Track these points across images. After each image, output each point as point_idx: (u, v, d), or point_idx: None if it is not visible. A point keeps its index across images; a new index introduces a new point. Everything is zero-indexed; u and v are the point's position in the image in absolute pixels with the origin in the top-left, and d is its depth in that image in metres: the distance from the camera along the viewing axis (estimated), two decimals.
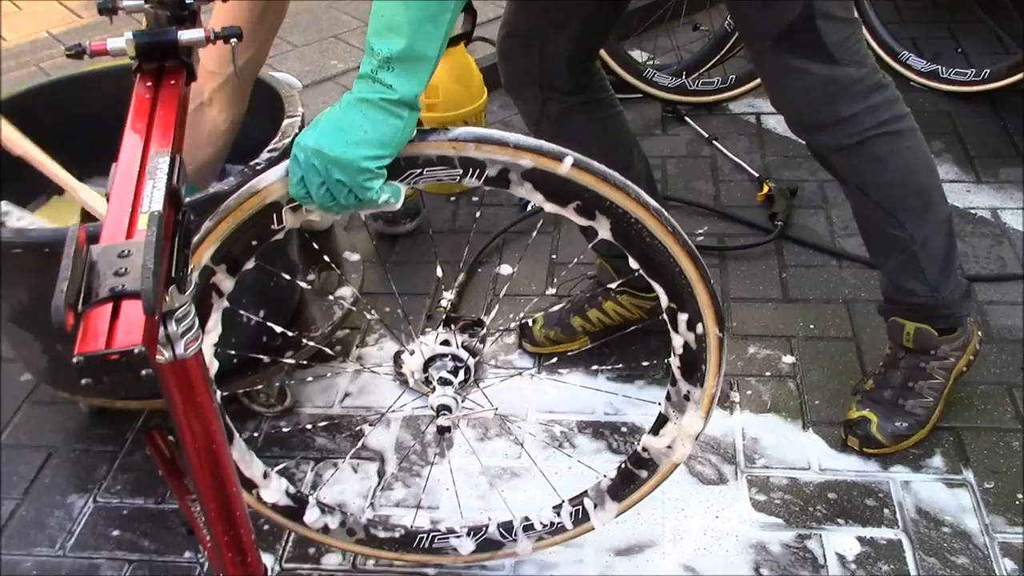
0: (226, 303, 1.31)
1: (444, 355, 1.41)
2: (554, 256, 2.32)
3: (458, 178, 1.20)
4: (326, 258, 2.02)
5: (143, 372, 0.78)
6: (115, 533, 1.71)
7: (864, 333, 2.02)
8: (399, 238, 2.42)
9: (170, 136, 1.05)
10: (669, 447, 1.46)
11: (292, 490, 1.51)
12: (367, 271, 2.27)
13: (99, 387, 1.28)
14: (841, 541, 1.60)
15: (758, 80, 2.87)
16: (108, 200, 0.95)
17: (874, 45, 2.92)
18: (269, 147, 1.65)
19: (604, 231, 1.25)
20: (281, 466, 1.78)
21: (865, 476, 1.71)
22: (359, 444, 1.84)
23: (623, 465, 1.53)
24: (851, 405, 1.80)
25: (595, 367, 1.99)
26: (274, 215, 1.22)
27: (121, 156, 1.01)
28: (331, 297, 1.98)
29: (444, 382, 1.39)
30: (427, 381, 1.41)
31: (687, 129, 2.82)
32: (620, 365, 1.98)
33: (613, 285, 1.97)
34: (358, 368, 2.00)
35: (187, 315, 0.99)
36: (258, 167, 1.60)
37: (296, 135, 1.42)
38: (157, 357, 1.00)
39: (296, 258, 1.96)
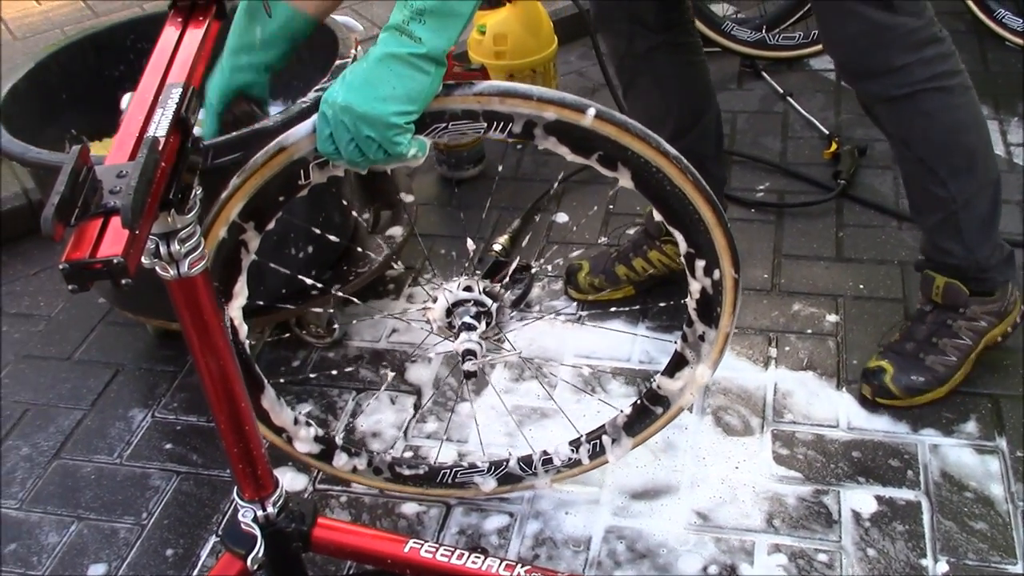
0: (254, 257, 1.33)
1: (467, 301, 1.43)
2: (611, 207, 2.34)
3: (483, 131, 1.21)
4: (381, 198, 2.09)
5: (123, 281, 0.86)
6: (168, 446, 1.83)
7: (915, 296, 1.97)
8: (462, 182, 2.47)
9: (187, 69, 1.11)
10: (682, 389, 1.50)
11: (322, 433, 1.56)
12: (430, 214, 2.34)
13: (159, 309, 1.37)
14: (859, 499, 1.60)
15: None
16: (119, 125, 1.03)
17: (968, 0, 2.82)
18: (318, 86, 1.72)
19: (626, 180, 1.27)
20: (310, 409, 1.87)
21: (894, 437, 1.70)
22: (387, 378, 1.91)
23: (639, 401, 1.57)
24: (873, 356, 1.79)
25: (637, 315, 2.01)
26: (301, 171, 1.23)
27: (139, 86, 1.09)
28: (383, 236, 2.05)
29: (468, 327, 1.41)
30: (451, 326, 1.44)
31: (763, 84, 2.78)
32: (663, 315, 2.00)
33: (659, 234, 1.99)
34: (387, 314, 2.06)
35: (191, 236, 1.06)
36: (305, 104, 1.67)
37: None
38: (163, 274, 1.08)
39: (351, 195, 2.03)
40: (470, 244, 1.59)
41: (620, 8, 1.78)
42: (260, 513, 1.29)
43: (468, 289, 1.44)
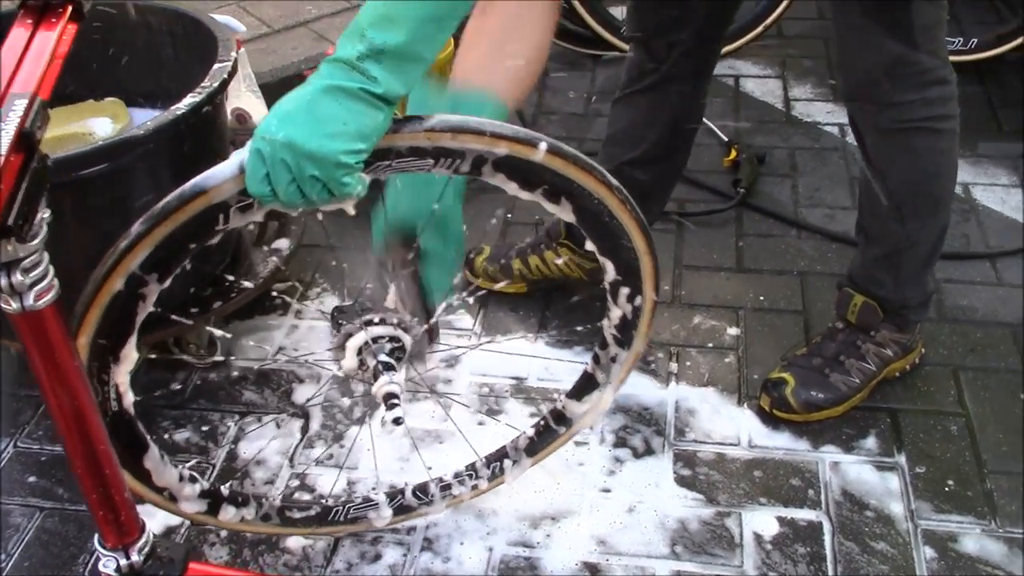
0: (151, 309, 1.16)
1: (381, 337, 1.26)
2: (510, 215, 2.27)
3: (429, 168, 1.10)
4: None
5: None
6: (31, 479, 1.69)
7: (814, 307, 1.97)
8: None
9: (36, 78, 1.00)
10: (586, 411, 1.49)
11: (207, 487, 1.42)
12: (319, 224, 2.23)
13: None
14: (760, 521, 1.57)
15: (741, 40, 2.80)
16: None
17: None
18: (193, 92, 1.60)
19: (567, 213, 1.21)
20: (191, 433, 1.75)
21: (794, 455, 1.68)
22: (271, 401, 1.81)
23: (542, 421, 1.54)
24: (776, 367, 1.77)
25: (534, 332, 1.95)
26: (220, 216, 1.08)
27: None
28: (267, 248, 1.94)
29: (387, 367, 1.25)
30: (362, 363, 1.28)
31: None
32: (558, 331, 1.94)
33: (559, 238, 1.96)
34: (281, 359, 1.92)
35: (36, 265, 0.95)
36: (179, 112, 1.56)
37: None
38: (4, 307, 0.96)
39: None
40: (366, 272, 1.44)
41: (662, 30, 1.73)
42: (124, 562, 1.18)
43: (383, 322, 1.26)
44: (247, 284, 1.84)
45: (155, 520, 1.60)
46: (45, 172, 0.96)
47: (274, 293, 2.01)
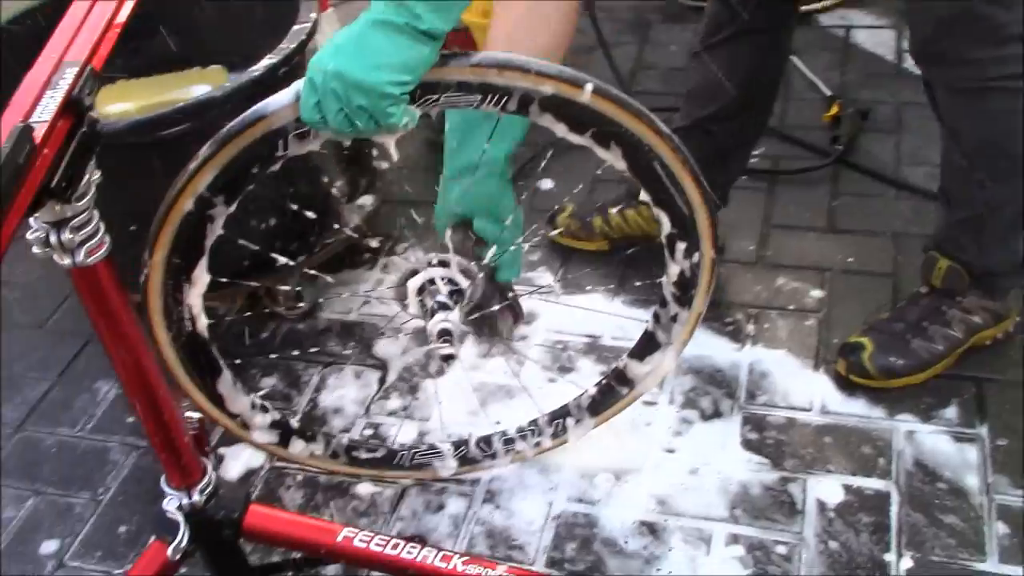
0: (220, 231, 1.24)
1: (441, 278, 1.32)
2: (599, 172, 2.26)
3: (476, 104, 1.13)
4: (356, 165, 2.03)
5: None
6: (130, 420, 1.81)
7: (905, 271, 1.88)
8: None
9: (88, 48, 1.06)
10: (648, 373, 1.48)
11: (279, 418, 1.49)
12: (412, 179, 2.28)
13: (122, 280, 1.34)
14: (826, 488, 1.54)
15: None
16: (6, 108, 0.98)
17: None
18: (271, 53, 1.66)
19: (618, 159, 1.21)
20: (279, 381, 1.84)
21: (868, 422, 1.63)
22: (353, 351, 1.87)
23: (604, 381, 1.53)
24: (856, 332, 1.71)
25: (612, 291, 1.95)
26: (280, 142, 1.14)
27: (34, 66, 1.04)
28: (355, 204, 1.99)
29: (443, 306, 1.31)
30: (423, 305, 1.34)
31: None
32: (640, 292, 1.93)
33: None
34: (353, 294, 2.01)
35: (84, 224, 1.02)
36: (255, 73, 1.61)
37: (308, 55, 1.38)
38: (60, 263, 1.04)
39: (326, 163, 1.98)
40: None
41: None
42: (186, 501, 1.26)
43: (443, 265, 1.33)
44: (332, 239, 1.91)
45: (238, 462, 1.70)
46: (95, 137, 1.03)
47: (372, 244, 2.09)
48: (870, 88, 2.42)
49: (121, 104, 1.97)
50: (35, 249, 1.01)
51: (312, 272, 1.78)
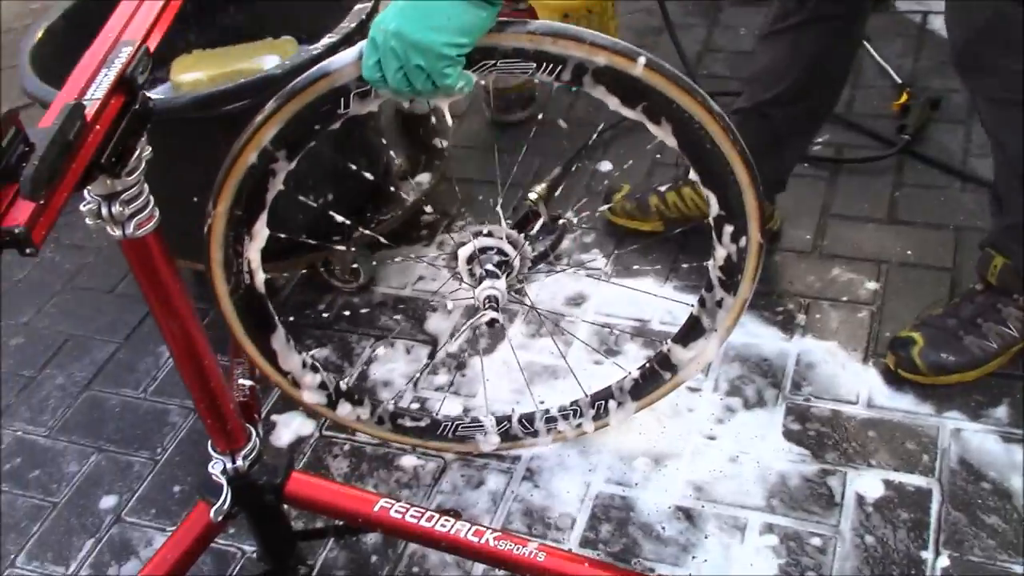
0: (281, 186, 1.29)
1: (489, 248, 1.41)
2: (658, 155, 2.25)
3: (531, 72, 1.16)
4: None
5: (27, 250, 0.87)
6: None
7: (965, 266, 1.85)
8: (509, 127, 2.42)
9: (144, 28, 1.10)
10: (692, 359, 1.49)
11: (328, 379, 1.53)
12: (471, 158, 2.30)
13: (185, 250, 1.40)
14: (866, 482, 1.53)
15: None
16: (63, 86, 1.03)
17: None
18: (331, 32, 1.69)
19: (668, 136, 1.23)
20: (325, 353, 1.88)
21: (914, 418, 1.61)
22: (403, 326, 1.91)
23: (648, 364, 1.55)
24: (908, 326, 1.69)
25: (664, 274, 1.95)
26: (342, 100, 1.19)
27: (92, 45, 1.08)
28: (415, 180, 2.03)
29: (490, 275, 1.39)
30: (472, 274, 1.42)
31: None
32: (691, 275, 1.93)
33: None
34: (412, 257, 2.06)
35: (135, 198, 1.06)
36: (315, 51, 1.65)
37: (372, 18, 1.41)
38: (111, 234, 1.09)
39: (388, 138, 2.01)
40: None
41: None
42: (230, 465, 1.31)
43: (491, 236, 1.41)
44: (390, 214, 1.95)
45: (289, 429, 1.75)
46: (146, 114, 1.07)
47: (428, 219, 2.12)
48: (943, 76, 2.35)
49: (194, 73, 2.03)
50: (88, 220, 1.07)
51: (368, 232, 1.81)
